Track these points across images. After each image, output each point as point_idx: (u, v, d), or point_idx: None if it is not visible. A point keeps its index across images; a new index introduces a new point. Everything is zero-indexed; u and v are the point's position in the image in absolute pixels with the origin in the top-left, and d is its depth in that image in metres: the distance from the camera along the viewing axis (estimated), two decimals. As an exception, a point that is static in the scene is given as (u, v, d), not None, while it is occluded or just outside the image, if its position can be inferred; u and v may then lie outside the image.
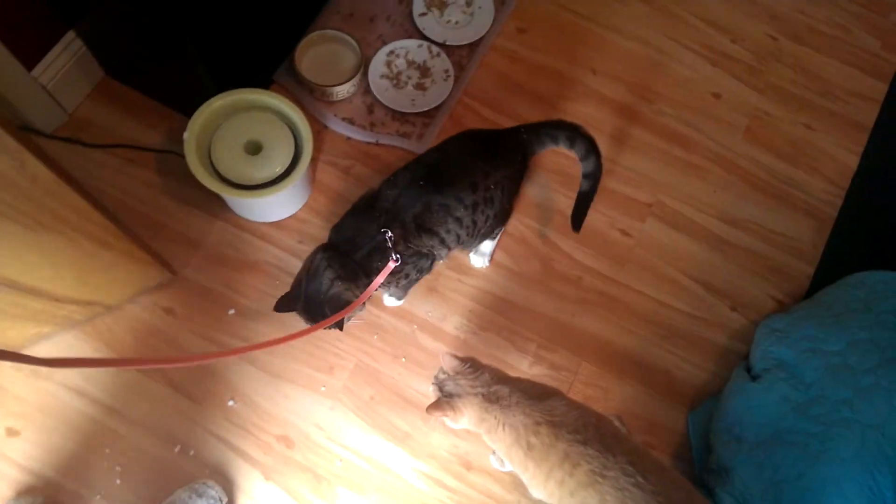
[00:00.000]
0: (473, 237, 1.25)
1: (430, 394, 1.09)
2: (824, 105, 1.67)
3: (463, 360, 1.06)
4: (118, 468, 1.25)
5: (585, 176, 1.30)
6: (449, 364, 1.05)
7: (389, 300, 1.40)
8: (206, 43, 1.31)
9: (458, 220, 1.17)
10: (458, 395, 1.03)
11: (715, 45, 1.71)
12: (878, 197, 1.59)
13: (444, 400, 1.04)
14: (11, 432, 1.26)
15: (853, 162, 1.61)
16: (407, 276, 1.22)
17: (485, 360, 1.37)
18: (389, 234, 1.11)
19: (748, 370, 1.29)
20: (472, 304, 1.43)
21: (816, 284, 1.46)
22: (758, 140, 1.61)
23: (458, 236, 1.19)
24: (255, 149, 1.35)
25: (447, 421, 1.04)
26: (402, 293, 1.35)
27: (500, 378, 1.04)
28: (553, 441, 0.94)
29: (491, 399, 1.01)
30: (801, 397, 1.17)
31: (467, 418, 1.03)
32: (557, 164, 1.55)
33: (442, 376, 1.07)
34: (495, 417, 1.00)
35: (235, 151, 1.33)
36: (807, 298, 1.41)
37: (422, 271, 1.24)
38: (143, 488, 1.24)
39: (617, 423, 1.31)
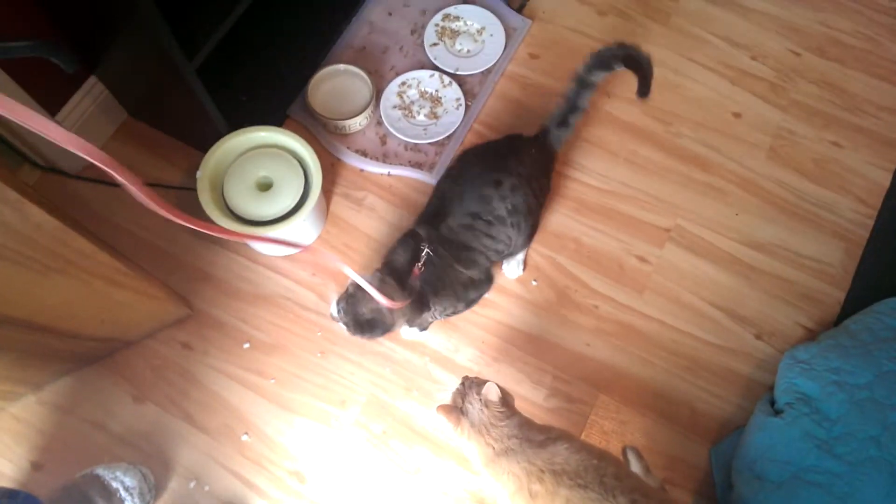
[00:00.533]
0: (514, 248, 1.28)
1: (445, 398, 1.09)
2: (852, 121, 1.60)
3: (504, 400, 1.04)
4: (136, 502, 1.27)
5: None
6: (493, 395, 1.03)
7: (410, 332, 1.39)
8: (217, 85, 1.35)
9: (494, 236, 1.21)
10: (472, 424, 1.03)
11: (734, 62, 1.66)
12: (914, 216, 1.50)
13: (458, 412, 1.04)
14: (36, 466, 1.30)
15: (885, 180, 1.54)
16: (456, 311, 1.27)
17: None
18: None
19: (772, 403, 1.23)
20: (485, 335, 1.41)
21: (847, 311, 1.39)
22: (782, 160, 1.55)
23: (499, 251, 1.24)
24: (265, 185, 1.37)
25: (449, 425, 1.05)
26: (428, 324, 1.35)
27: (521, 428, 1.03)
28: (555, 488, 0.92)
29: (499, 452, 1.00)
30: (826, 434, 1.10)
31: (468, 450, 1.04)
32: (573, 190, 1.53)
33: (469, 393, 1.06)
34: (499, 465, 0.98)
35: (246, 188, 1.36)
36: (836, 326, 1.34)
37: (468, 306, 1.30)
38: (160, 523, 1.26)
39: (633, 458, 1.27)
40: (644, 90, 1.28)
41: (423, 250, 1.17)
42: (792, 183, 1.53)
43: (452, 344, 1.40)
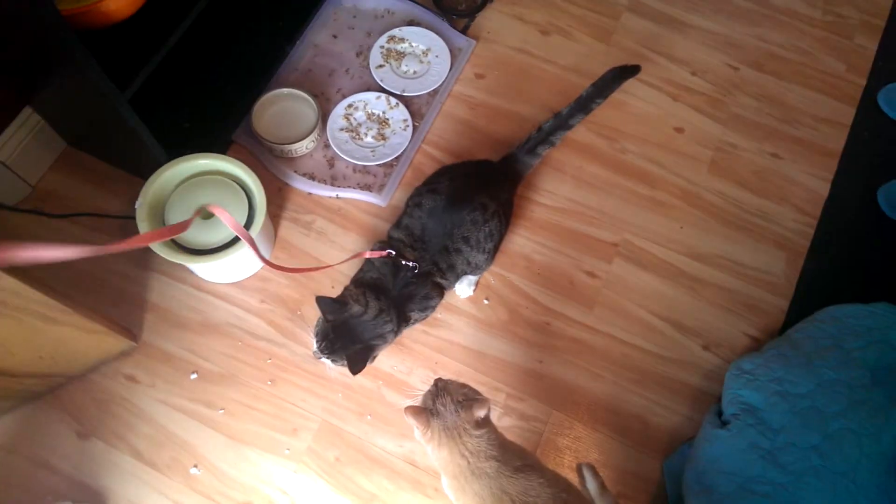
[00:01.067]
0: (475, 267, 1.31)
1: (412, 400, 1.05)
2: (790, 133, 1.65)
3: (486, 420, 1.01)
4: (80, 545, 1.23)
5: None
6: (479, 413, 0.98)
7: None
8: (157, 111, 1.33)
9: (467, 256, 1.25)
10: (446, 427, 0.98)
11: (675, 78, 1.70)
12: (852, 224, 1.55)
13: (428, 414, 0.99)
14: (-28, 512, 1.25)
15: (823, 189, 1.58)
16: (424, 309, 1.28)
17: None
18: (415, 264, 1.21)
19: (719, 414, 1.25)
20: (438, 356, 1.41)
21: (791, 319, 1.42)
22: (723, 172, 1.59)
23: (464, 271, 1.29)
24: (207, 213, 1.35)
25: (416, 431, 1.00)
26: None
27: (500, 449, 0.99)
28: None
29: (473, 471, 0.97)
30: (770, 444, 1.12)
31: (438, 459, 1.00)
32: (523, 209, 1.54)
33: (442, 395, 1.01)
34: (468, 483, 0.97)
35: (188, 216, 1.33)
36: (781, 335, 1.37)
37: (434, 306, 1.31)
38: (104, 565, 1.22)
39: (588, 475, 1.27)
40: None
41: (409, 261, 1.21)
42: (734, 195, 1.57)
43: (406, 366, 1.39)
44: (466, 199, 1.23)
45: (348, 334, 1.18)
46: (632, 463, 1.33)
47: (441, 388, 1.02)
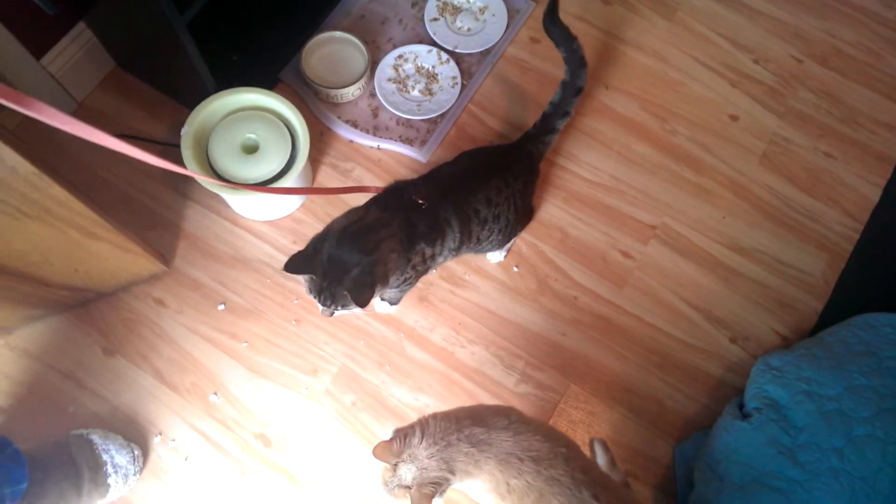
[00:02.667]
0: (475, 249, 1.25)
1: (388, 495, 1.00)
2: (847, 133, 1.59)
3: (400, 435, 0.97)
4: (97, 455, 1.27)
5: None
6: (383, 456, 0.95)
7: (382, 306, 1.38)
8: (208, 41, 1.32)
9: (469, 232, 1.16)
10: (434, 468, 0.94)
11: (736, 64, 1.65)
12: (899, 233, 1.51)
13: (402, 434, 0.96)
14: (0, 410, 1.29)
15: (874, 195, 1.54)
16: (407, 279, 1.17)
17: (470, 377, 1.36)
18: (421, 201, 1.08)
19: (741, 407, 1.24)
20: (462, 317, 1.41)
21: (824, 322, 1.39)
22: (774, 167, 1.55)
23: (458, 248, 1.17)
24: (251, 148, 1.35)
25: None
26: (397, 298, 1.34)
27: (452, 422, 0.98)
28: (533, 480, 0.92)
29: (474, 446, 0.96)
30: (791, 442, 1.11)
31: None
32: (564, 180, 1.52)
33: (391, 474, 0.96)
34: (476, 464, 0.96)
35: (232, 149, 1.34)
36: (812, 336, 1.35)
37: (418, 276, 1.19)
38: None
39: (600, 450, 1.28)
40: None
41: (417, 199, 1.09)
42: (782, 190, 1.53)
43: (429, 322, 1.40)
44: (483, 178, 1.17)
45: (340, 264, 0.99)
46: (644, 444, 1.33)
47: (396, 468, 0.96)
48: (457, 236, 1.14)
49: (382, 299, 1.36)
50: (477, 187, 1.16)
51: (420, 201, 1.10)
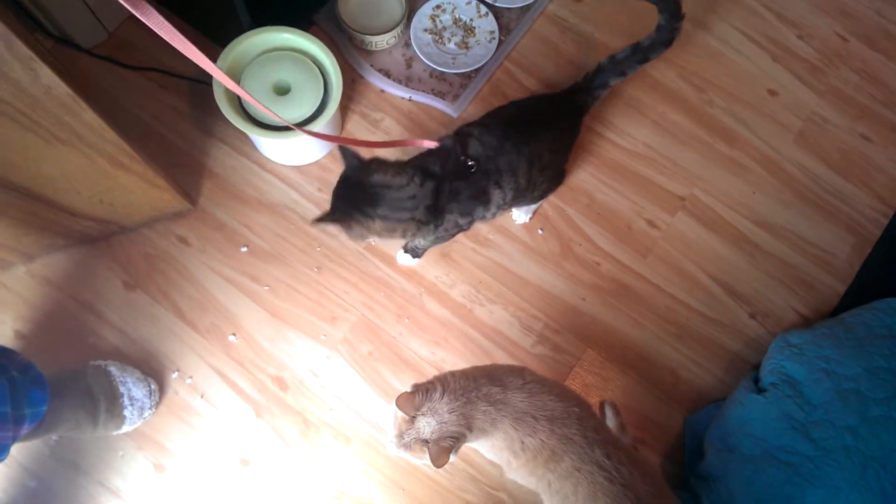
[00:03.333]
0: (520, 200, 1.22)
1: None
2: (887, 117, 1.56)
3: (422, 389, 0.97)
4: (117, 385, 1.28)
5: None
6: (406, 406, 0.95)
7: (404, 258, 1.38)
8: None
9: (516, 181, 1.14)
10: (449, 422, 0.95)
11: (780, 38, 1.61)
12: (929, 222, 1.49)
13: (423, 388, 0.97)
14: (19, 335, 1.30)
15: (908, 180, 1.52)
16: (440, 238, 1.19)
17: (488, 335, 1.37)
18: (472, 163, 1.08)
19: (756, 381, 1.25)
20: (483, 275, 1.40)
21: (845, 304, 1.39)
22: (809, 145, 1.52)
23: (506, 198, 1.15)
24: (283, 89, 1.33)
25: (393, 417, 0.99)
26: (423, 250, 1.34)
27: (468, 379, 0.99)
28: (547, 438, 0.94)
29: (492, 404, 0.97)
30: (805, 418, 1.12)
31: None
32: (595, 145, 1.50)
33: (408, 426, 0.96)
34: (493, 422, 0.98)
35: (263, 90, 1.31)
36: (832, 317, 1.34)
37: (460, 229, 1.18)
38: (138, 408, 1.27)
39: (610, 412, 1.29)
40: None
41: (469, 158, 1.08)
42: (815, 170, 1.50)
43: (450, 279, 1.40)
44: (543, 125, 1.17)
45: (360, 197, 1.01)
46: (655, 412, 1.34)
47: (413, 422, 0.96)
48: (510, 190, 1.13)
49: (406, 251, 1.36)
50: (539, 134, 1.15)
51: (470, 163, 1.08)
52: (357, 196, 1.02)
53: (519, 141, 1.12)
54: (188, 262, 1.37)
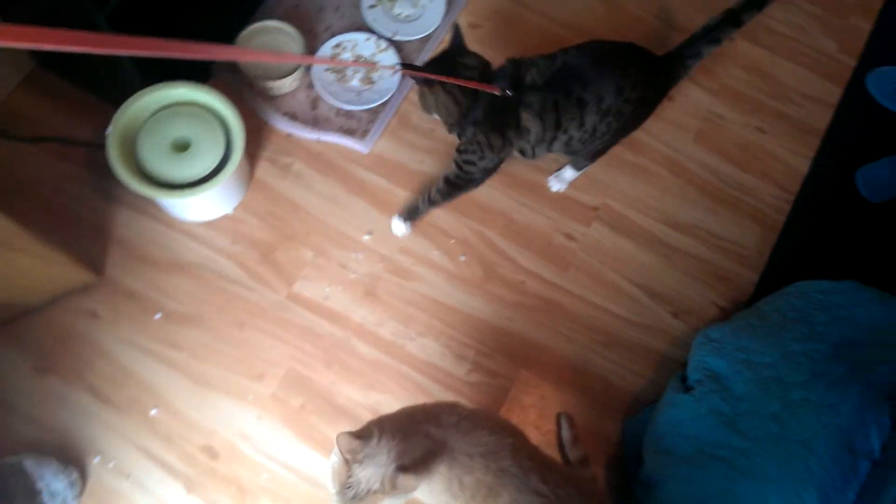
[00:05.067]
0: (583, 145, 1.25)
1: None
2: (777, 108, 1.64)
3: (361, 435, 0.93)
4: (34, 478, 1.21)
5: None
6: (346, 446, 0.91)
7: (398, 226, 1.41)
8: (134, 33, 1.24)
9: (582, 126, 1.19)
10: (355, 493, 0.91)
11: (670, 44, 1.65)
12: (827, 203, 1.57)
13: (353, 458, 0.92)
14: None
15: (803, 166, 1.59)
16: (470, 161, 1.27)
17: (421, 370, 1.35)
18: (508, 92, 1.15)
19: (683, 380, 1.27)
20: (411, 309, 1.39)
21: (760, 292, 1.44)
22: (708, 143, 1.58)
23: (570, 140, 1.22)
24: (182, 146, 1.29)
25: (333, 457, 0.95)
26: (422, 213, 1.40)
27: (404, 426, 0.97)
28: (483, 475, 0.93)
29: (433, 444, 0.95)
30: (731, 411, 1.15)
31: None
32: (506, 165, 1.51)
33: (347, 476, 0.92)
34: (433, 463, 0.95)
35: (161, 149, 1.28)
36: (748, 307, 1.39)
37: (487, 163, 1.27)
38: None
39: (565, 424, 1.30)
40: None
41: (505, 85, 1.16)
42: (716, 166, 1.56)
43: (377, 318, 1.38)
44: (617, 69, 1.16)
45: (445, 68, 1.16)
46: (594, 423, 1.35)
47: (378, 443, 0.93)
48: (551, 129, 1.19)
49: (401, 215, 1.40)
50: (607, 81, 1.15)
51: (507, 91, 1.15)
52: (443, 66, 1.17)
53: (579, 84, 1.15)
54: (100, 337, 1.31)
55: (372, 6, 1.60)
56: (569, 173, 1.47)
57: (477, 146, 1.24)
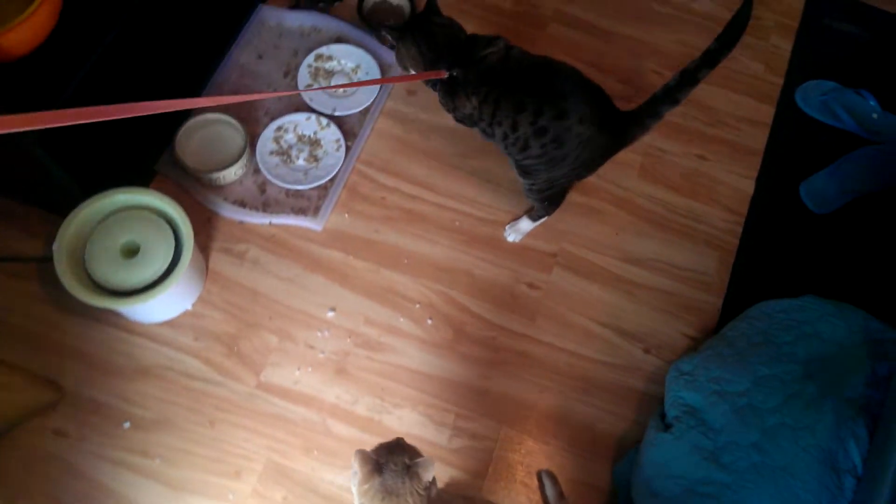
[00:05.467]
0: (512, 154, 1.32)
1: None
2: (715, 134, 1.69)
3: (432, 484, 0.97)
4: None
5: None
6: (428, 474, 0.95)
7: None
8: (72, 143, 1.25)
9: (515, 130, 1.23)
10: (386, 489, 0.94)
11: (604, 87, 1.72)
12: (778, 220, 1.61)
13: (375, 466, 0.95)
14: None
15: (749, 187, 1.64)
16: (449, 110, 1.35)
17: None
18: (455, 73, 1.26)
19: (663, 417, 1.27)
20: (384, 382, 1.38)
21: (726, 317, 1.46)
22: (653, 177, 1.62)
23: (506, 137, 1.27)
24: (132, 251, 1.28)
25: (353, 476, 0.98)
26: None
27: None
28: None
29: None
30: (712, 445, 1.15)
31: None
32: (460, 222, 1.53)
33: (396, 454, 0.98)
34: None
35: (111, 256, 1.27)
36: (716, 333, 1.40)
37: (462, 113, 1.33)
38: None
39: (548, 482, 1.28)
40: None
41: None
42: (664, 198, 1.60)
43: (351, 395, 1.36)
44: (574, 97, 1.21)
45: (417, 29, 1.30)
46: (583, 472, 1.33)
47: (396, 447, 1.00)
48: (486, 122, 1.28)
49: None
50: (552, 107, 1.19)
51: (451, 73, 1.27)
52: (416, 28, 1.31)
53: (532, 89, 1.21)
54: (69, 456, 1.26)
55: (309, 85, 1.64)
56: (524, 224, 1.49)
57: (443, 97, 1.34)
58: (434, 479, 0.99)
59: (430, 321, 1.44)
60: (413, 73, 1.35)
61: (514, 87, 1.22)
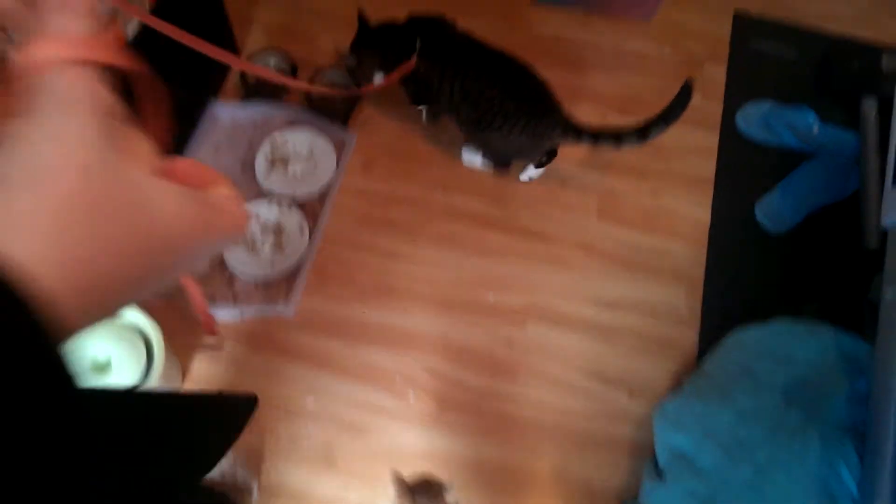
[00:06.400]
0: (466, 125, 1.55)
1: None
2: (664, 168, 1.74)
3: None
4: None
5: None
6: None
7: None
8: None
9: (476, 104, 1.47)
10: None
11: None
12: (738, 244, 1.64)
13: (410, 497, 0.98)
14: None
15: (705, 216, 1.67)
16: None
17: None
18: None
19: (655, 464, 1.26)
20: (376, 467, 1.35)
21: (704, 348, 1.47)
22: (611, 217, 1.65)
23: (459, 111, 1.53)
24: (103, 366, 1.27)
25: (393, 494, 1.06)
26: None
27: None
28: None
29: None
30: (706, 490, 1.14)
31: None
32: (429, 288, 1.54)
33: (434, 491, 1.07)
34: None
35: (83, 374, 1.25)
36: (697, 368, 1.41)
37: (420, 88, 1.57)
38: None
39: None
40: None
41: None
42: (625, 237, 1.63)
43: (341, 486, 1.33)
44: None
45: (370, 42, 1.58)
46: (585, 531, 1.31)
47: (435, 487, 1.12)
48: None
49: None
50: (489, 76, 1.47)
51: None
52: (369, 40, 1.57)
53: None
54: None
55: (268, 171, 1.66)
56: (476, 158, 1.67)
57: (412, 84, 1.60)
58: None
59: (411, 394, 1.43)
60: (379, 79, 1.54)
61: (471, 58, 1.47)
